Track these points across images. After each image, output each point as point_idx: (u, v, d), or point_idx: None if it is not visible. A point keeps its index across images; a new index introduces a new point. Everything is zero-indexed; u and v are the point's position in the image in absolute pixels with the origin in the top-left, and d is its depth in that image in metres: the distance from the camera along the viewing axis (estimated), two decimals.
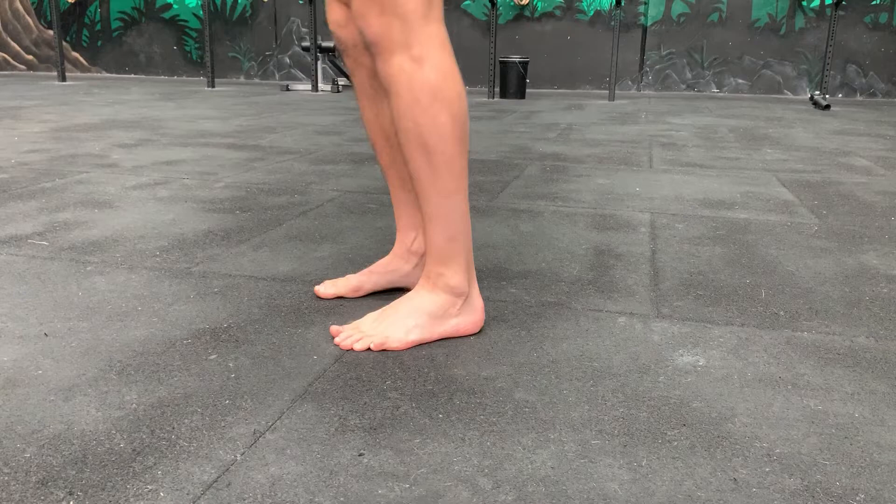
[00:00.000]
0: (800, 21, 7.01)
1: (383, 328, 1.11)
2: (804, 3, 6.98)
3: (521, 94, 6.21)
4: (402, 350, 1.10)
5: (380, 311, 1.15)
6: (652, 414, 0.92)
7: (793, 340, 1.16)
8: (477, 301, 1.17)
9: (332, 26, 1.17)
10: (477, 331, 1.16)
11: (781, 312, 1.28)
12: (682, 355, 1.10)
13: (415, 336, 1.11)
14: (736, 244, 1.70)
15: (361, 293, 1.31)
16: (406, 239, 1.30)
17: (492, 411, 0.92)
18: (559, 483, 0.77)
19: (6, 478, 0.76)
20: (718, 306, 1.30)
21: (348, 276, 1.32)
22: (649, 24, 7.28)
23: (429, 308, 1.12)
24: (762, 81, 7.18)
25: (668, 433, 0.88)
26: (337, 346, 1.10)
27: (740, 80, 7.22)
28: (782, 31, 7.05)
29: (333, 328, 1.14)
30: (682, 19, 7.21)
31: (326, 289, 1.31)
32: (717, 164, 2.87)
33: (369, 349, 1.09)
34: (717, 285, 1.41)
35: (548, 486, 0.77)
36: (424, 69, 1.03)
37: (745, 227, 1.87)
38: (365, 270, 1.33)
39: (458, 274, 1.13)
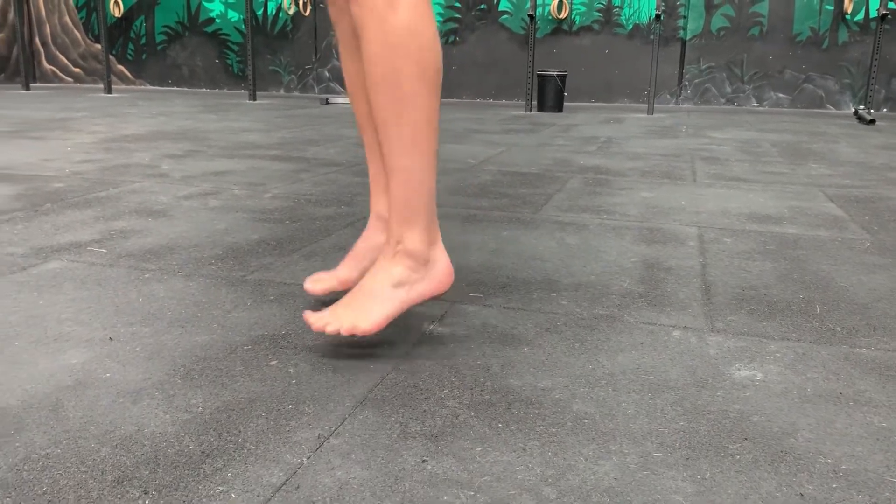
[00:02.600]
0: (843, 35, 6.92)
1: (351, 313, 1.09)
2: (847, 17, 6.89)
3: (558, 108, 6.21)
4: (374, 331, 1.08)
5: (350, 293, 1.13)
6: (712, 427, 0.92)
7: (851, 357, 1.15)
8: (440, 261, 1.14)
9: None
10: (445, 290, 1.14)
11: (838, 328, 1.26)
12: (738, 369, 1.09)
13: (381, 315, 1.09)
14: (786, 259, 1.69)
15: (351, 284, 1.26)
16: (378, 205, 1.26)
17: (551, 422, 0.93)
18: (624, 494, 0.78)
19: (84, 476, 0.79)
20: (773, 321, 1.29)
21: (338, 270, 1.29)
22: (688, 37, 7.24)
23: (390, 281, 1.10)
24: (804, 96, 7.09)
25: (731, 447, 0.87)
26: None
27: (781, 95, 7.14)
28: (825, 45, 6.97)
29: (306, 313, 1.11)
30: (721, 33, 7.17)
31: (314, 285, 1.27)
32: (762, 178, 2.84)
33: (339, 333, 1.08)
34: (771, 300, 1.40)
35: (612, 496, 0.77)
36: (398, 11, 1.00)
37: (794, 242, 1.85)
38: (347, 258, 1.29)
39: (417, 236, 1.10)
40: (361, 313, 1.09)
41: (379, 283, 1.11)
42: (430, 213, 1.11)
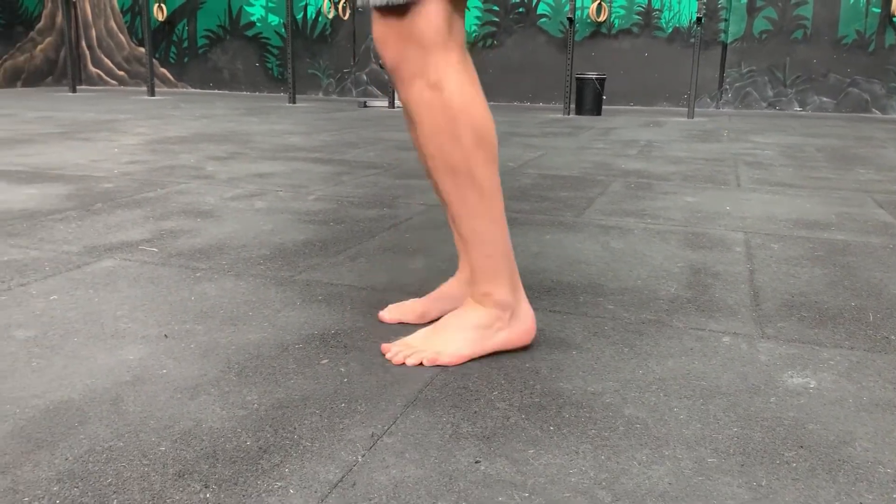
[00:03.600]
0: (890, 37, 6.78)
1: (434, 344, 1.11)
2: (895, 20, 6.74)
3: (597, 111, 6.18)
4: (455, 365, 1.09)
5: (430, 327, 1.15)
6: (767, 434, 0.91)
7: None
8: (525, 313, 1.15)
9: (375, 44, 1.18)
10: (528, 342, 1.15)
11: (893, 336, 1.24)
12: (791, 377, 1.08)
13: (466, 351, 1.10)
14: (836, 266, 1.66)
15: (427, 319, 1.26)
16: (465, 262, 1.28)
17: (603, 426, 0.93)
18: (679, 499, 0.77)
19: (146, 469, 0.81)
20: (825, 328, 1.27)
21: (413, 301, 1.29)
22: (730, 41, 7.15)
23: (477, 322, 1.12)
24: (848, 100, 6.96)
25: (786, 454, 0.86)
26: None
27: (825, 99, 7.02)
28: (871, 48, 6.83)
29: (384, 346, 1.13)
30: (764, 36, 7.07)
31: (391, 314, 1.27)
32: (808, 183, 2.80)
33: (421, 364, 1.09)
34: (821, 307, 1.38)
35: (667, 501, 0.77)
36: (443, 94, 1.02)
37: (843, 248, 1.82)
38: (430, 296, 1.29)
39: (502, 289, 1.12)
40: (446, 345, 1.10)
41: (466, 322, 1.12)
42: (511, 268, 1.13)
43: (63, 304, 1.32)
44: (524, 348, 1.15)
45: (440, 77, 1.02)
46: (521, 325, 1.14)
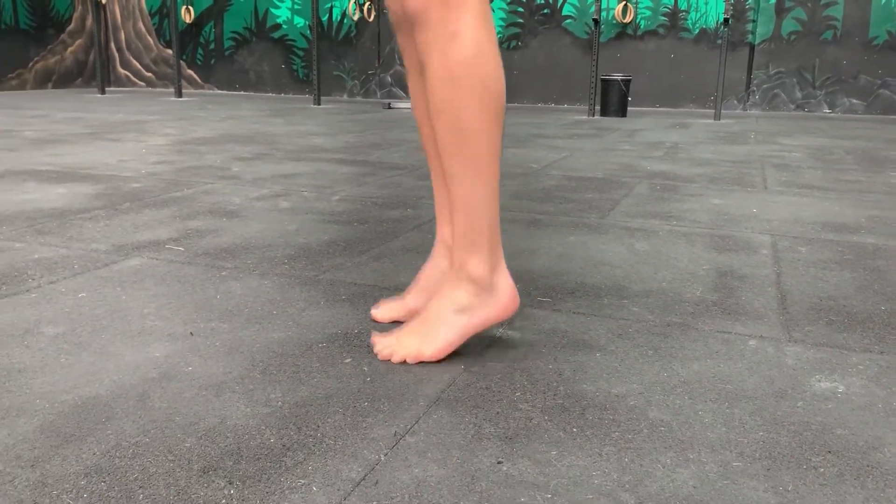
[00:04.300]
0: None
1: (415, 340, 1.11)
2: None
3: (622, 113, 6.14)
4: (438, 358, 1.10)
5: (414, 321, 1.14)
6: (793, 439, 0.90)
7: None
8: (503, 286, 1.14)
9: (386, 1, 1.18)
10: (510, 315, 1.15)
11: None
12: (819, 381, 1.06)
13: (446, 342, 1.10)
14: (866, 269, 1.63)
15: (419, 312, 1.23)
16: (443, 232, 1.26)
17: (626, 428, 0.92)
18: (703, 503, 0.76)
19: (171, 464, 0.82)
20: (854, 333, 1.25)
21: (405, 298, 1.28)
22: (758, 42, 7.08)
23: (454, 307, 1.11)
24: (879, 102, 6.85)
25: (813, 459, 0.85)
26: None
27: (855, 101, 6.92)
28: None
29: (374, 338, 1.14)
30: (792, 37, 6.98)
31: (383, 313, 1.27)
32: (837, 186, 2.76)
33: (405, 362, 1.09)
34: (850, 311, 1.36)
35: None
36: (460, 44, 1.01)
37: (874, 252, 1.79)
38: (414, 287, 1.28)
39: (480, 263, 1.11)
40: (426, 341, 1.11)
41: (443, 309, 1.12)
42: (493, 239, 1.12)
43: (91, 301, 1.34)
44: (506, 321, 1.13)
45: (459, 27, 1.01)
46: (500, 299, 1.13)
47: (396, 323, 1.25)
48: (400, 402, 0.97)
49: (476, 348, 1.16)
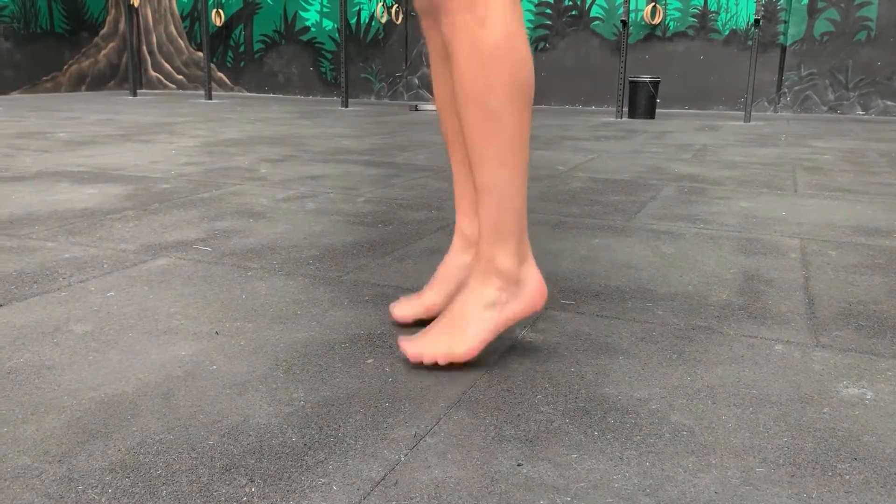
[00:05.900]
0: None
1: (445, 339, 1.08)
2: None
3: (650, 115, 6.10)
4: (470, 357, 1.08)
5: (441, 320, 1.12)
6: (819, 445, 0.88)
7: None
8: (531, 279, 1.11)
9: None
10: (538, 308, 1.12)
11: None
12: (846, 387, 1.04)
13: (476, 339, 1.08)
14: None
15: (439, 308, 1.24)
16: (462, 224, 1.24)
17: (648, 432, 0.91)
18: None
19: (194, 462, 0.83)
20: (884, 338, 1.23)
21: (424, 295, 1.26)
22: (789, 43, 6.98)
23: (482, 303, 1.09)
24: None
25: (839, 466, 0.84)
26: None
27: (889, 103, 6.79)
28: None
29: (402, 343, 1.10)
30: (825, 38, 6.88)
31: (402, 311, 1.25)
32: (869, 189, 2.71)
33: (436, 363, 1.07)
34: (881, 316, 1.34)
35: None
36: (488, 29, 0.99)
37: None
38: (433, 282, 1.26)
39: (507, 256, 1.08)
40: (456, 339, 1.08)
41: (470, 306, 1.10)
42: (521, 231, 1.10)
43: (119, 300, 1.36)
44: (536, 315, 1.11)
45: (487, 13, 1.00)
46: (530, 292, 1.11)
47: (419, 322, 1.25)
48: (421, 403, 0.98)
49: (497, 350, 1.16)
